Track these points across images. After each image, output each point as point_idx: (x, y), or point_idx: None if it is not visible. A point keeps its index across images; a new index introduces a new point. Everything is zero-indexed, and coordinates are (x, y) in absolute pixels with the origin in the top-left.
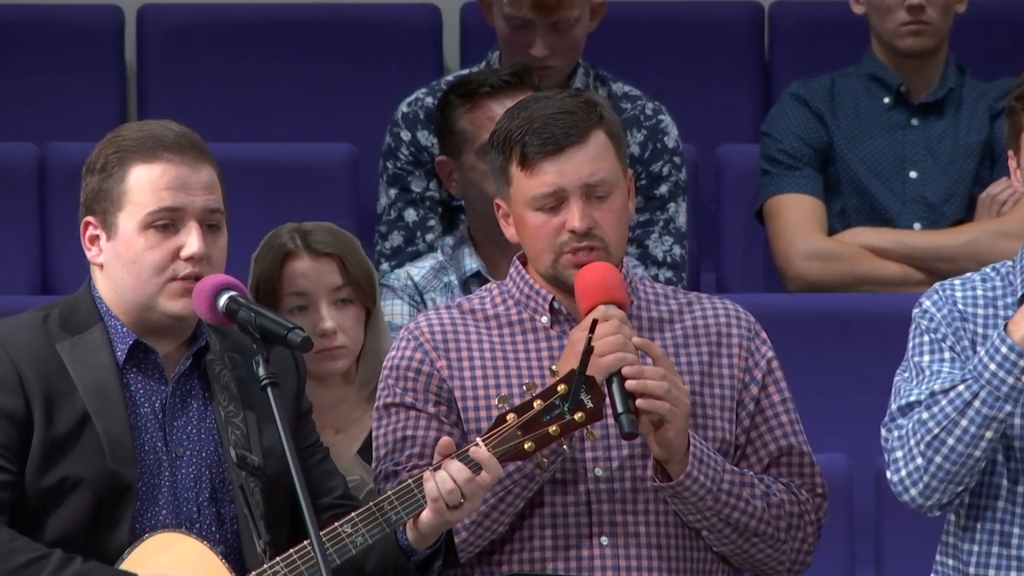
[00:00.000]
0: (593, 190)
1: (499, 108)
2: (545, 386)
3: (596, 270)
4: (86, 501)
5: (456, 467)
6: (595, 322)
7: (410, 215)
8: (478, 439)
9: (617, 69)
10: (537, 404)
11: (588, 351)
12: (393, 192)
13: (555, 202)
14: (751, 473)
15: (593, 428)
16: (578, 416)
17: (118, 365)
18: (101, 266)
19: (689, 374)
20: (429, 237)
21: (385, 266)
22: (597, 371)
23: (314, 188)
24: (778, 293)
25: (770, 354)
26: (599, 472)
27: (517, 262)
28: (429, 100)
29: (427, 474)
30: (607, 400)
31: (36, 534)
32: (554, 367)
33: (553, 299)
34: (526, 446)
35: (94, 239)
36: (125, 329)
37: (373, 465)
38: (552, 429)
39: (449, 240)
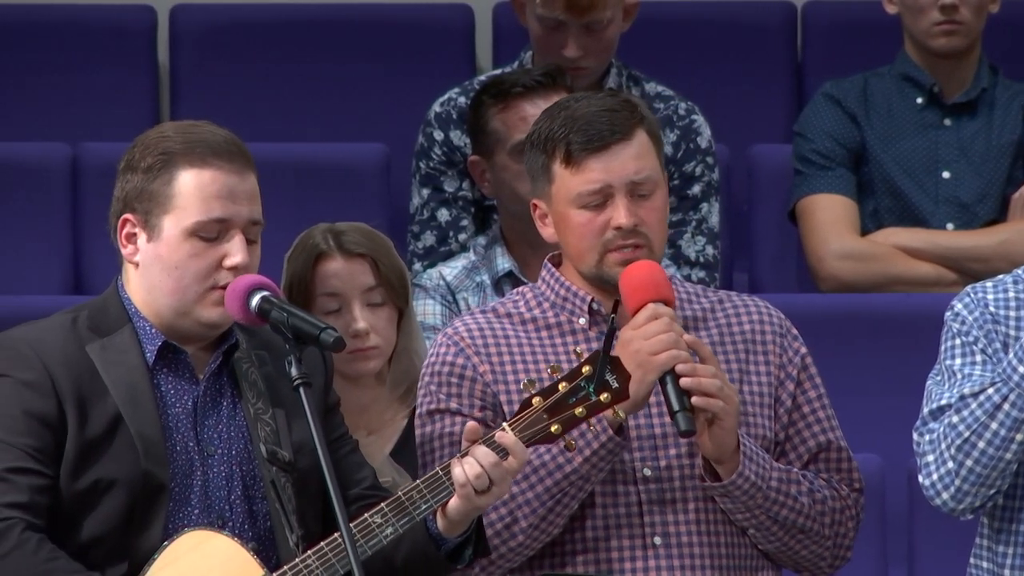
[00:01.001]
0: (638, 188)
1: (532, 108)
2: (570, 369)
3: (642, 268)
4: (120, 502)
5: (483, 452)
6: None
7: (443, 215)
8: (504, 424)
9: (650, 69)
10: (563, 386)
11: (612, 331)
12: (426, 192)
13: (600, 199)
14: (796, 470)
15: (619, 410)
16: (604, 397)
17: (148, 366)
18: (136, 264)
19: (728, 372)
20: (462, 237)
21: (418, 266)
22: (651, 369)
23: (347, 188)
24: (811, 293)
25: (803, 350)
26: (647, 472)
27: (549, 264)
28: (462, 100)
29: (455, 460)
30: (663, 399)
31: (71, 536)
32: (578, 349)
33: (592, 300)
34: (553, 429)
35: (131, 237)
36: (154, 330)
37: (419, 474)
38: (578, 411)
39: (481, 240)
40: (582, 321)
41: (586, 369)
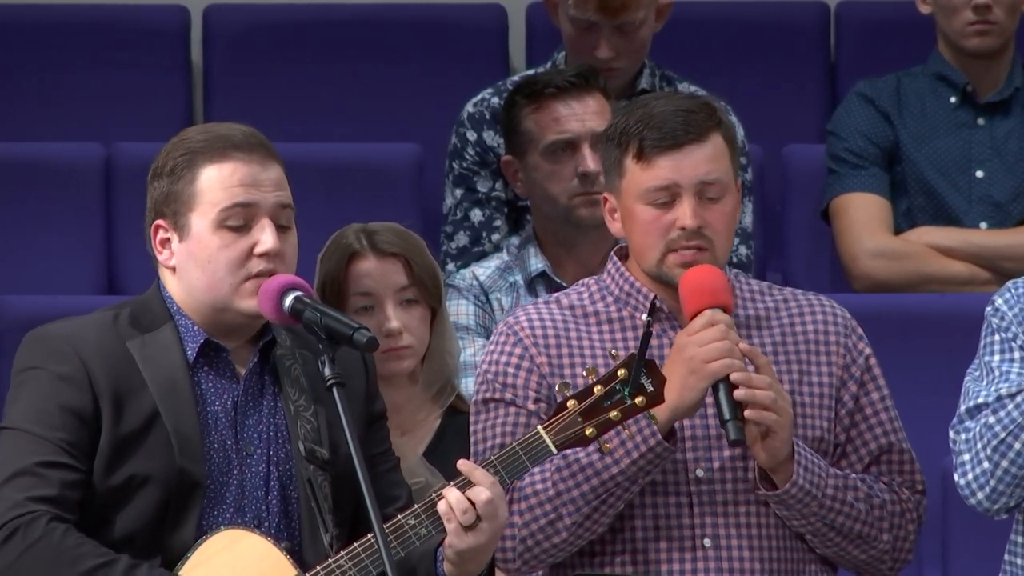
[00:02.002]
0: (707, 190)
1: (565, 109)
2: (606, 371)
3: (702, 273)
4: (154, 499)
5: (456, 494)
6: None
7: (476, 215)
8: (538, 426)
9: (683, 69)
10: (598, 389)
11: (648, 335)
12: (459, 192)
13: (668, 197)
14: (853, 475)
15: (654, 412)
16: (639, 400)
17: (188, 363)
18: (173, 269)
19: (787, 372)
20: (495, 237)
21: (451, 266)
22: (703, 376)
23: (380, 188)
24: (844, 293)
25: (868, 351)
26: (700, 473)
27: (615, 257)
28: (495, 100)
29: (446, 489)
30: (715, 406)
31: (103, 532)
32: (614, 351)
33: (655, 297)
34: (587, 432)
35: (165, 242)
36: (196, 328)
37: (472, 461)
38: (613, 414)
39: (515, 240)
40: (644, 317)
41: (621, 372)
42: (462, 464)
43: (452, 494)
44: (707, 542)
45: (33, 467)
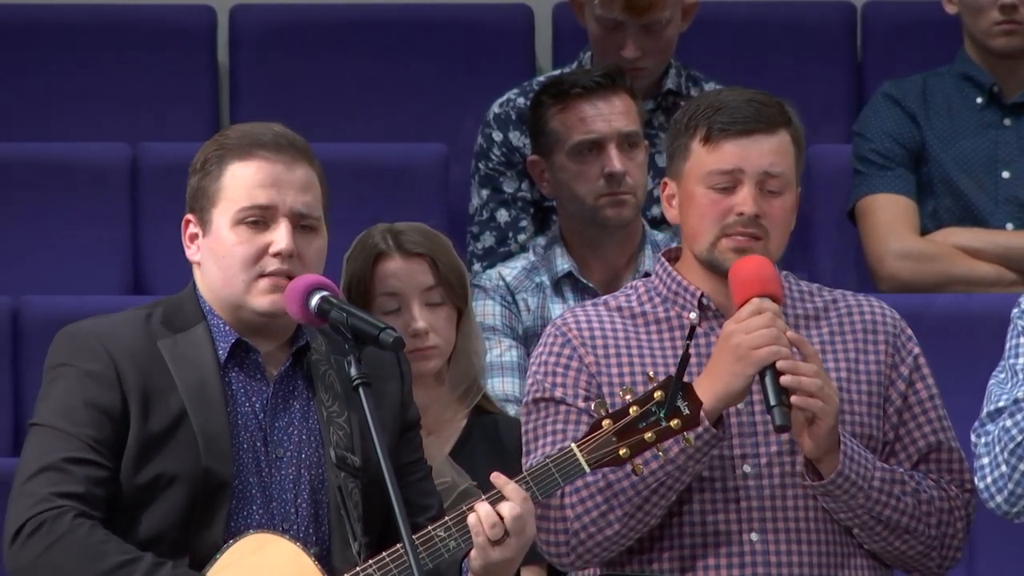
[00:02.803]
0: (769, 181)
1: (591, 109)
2: (643, 392)
3: (753, 262)
4: (180, 498)
5: (486, 508)
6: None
7: (502, 215)
8: (572, 444)
9: (709, 70)
10: (633, 410)
11: (685, 358)
12: (485, 192)
13: (729, 183)
14: (901, 470)
15: (689, 435)
16: (674, 423)
17: (219, 363)
18: (199, 264)
19: (836, 370)
20: (521, 237)
21: (477, 266)
22: (750, 363)
23: (406, 188)
24: (870, 294)
25: (916, 350)
26: (747, 469)
27: (663, 259)
28: (521, 101)
29: (476, 504)
30: (762, 393)
31: (130, 531)
32: (651, 372)
33: (702, 295)
34: (621, 452)
35: (193, 237)
36: (227, 328)
37: (523, 460)
38: (647, 436)
39: (541, 240)
40: (692, 316)
41: (658, 394)
42: (495, 477)
43: (482, 508)
44: (754, 536)
45: (60, 463)
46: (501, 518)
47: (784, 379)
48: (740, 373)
